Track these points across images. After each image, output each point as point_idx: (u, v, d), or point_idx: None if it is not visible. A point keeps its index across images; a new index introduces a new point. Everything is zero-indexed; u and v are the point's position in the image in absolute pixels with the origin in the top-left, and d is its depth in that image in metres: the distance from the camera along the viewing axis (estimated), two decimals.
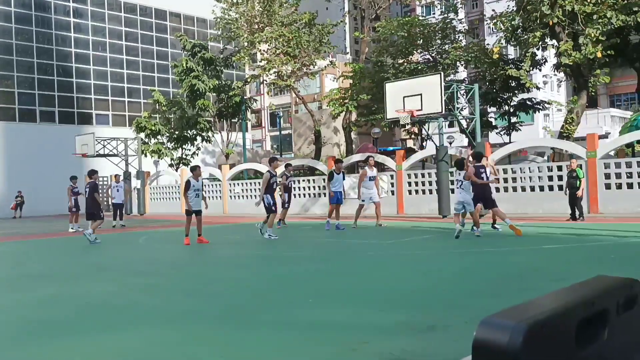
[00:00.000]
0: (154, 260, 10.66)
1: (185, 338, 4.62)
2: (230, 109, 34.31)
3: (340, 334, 4.46)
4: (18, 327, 5.28)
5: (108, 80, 42.30)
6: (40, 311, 6.01)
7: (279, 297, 6.32)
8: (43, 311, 6.00)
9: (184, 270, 8.90)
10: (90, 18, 41.58)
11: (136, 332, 4.86)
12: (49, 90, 39.34)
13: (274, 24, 29.63)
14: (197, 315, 5.52)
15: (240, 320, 5.18)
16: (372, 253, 10.15)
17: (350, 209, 22.66)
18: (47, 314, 5.86)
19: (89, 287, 7.42)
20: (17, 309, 6.18)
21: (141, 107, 41.33)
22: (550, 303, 1.08)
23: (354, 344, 4.16)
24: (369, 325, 4.74)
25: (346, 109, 30.61)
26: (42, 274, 9.07)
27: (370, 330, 4.56)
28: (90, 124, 39.91)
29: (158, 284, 7.69)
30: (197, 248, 12.11)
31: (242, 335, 4.60)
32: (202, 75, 32.83)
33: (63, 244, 15.25)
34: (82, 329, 5.10)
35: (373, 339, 4.28)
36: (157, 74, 44.55)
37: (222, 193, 27.84)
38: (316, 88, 52.23)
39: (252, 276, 7.99)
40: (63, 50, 40.11)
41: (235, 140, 38.68)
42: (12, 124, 37.30)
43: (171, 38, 43.75)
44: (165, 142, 34.83)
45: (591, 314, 1.09)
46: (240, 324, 5.00)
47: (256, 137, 59.57)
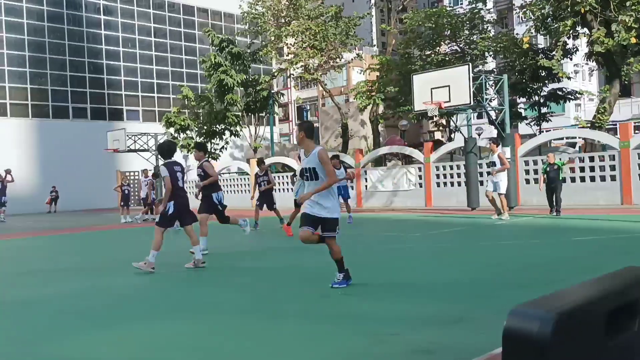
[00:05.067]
0: (183, 252, 10.83)
1: (214, 328, 4.70)
2: (258, 103, 34.48)
3: (369, 325, 4.49)
4: (55, 319, 5.43)
5: (138, 76, 42.89)
6: (76, 303, 6.17)
7: (307, 288, 6.38)
8: (78, 303, 6.16)
9: (212, 262, 9.02)
10: (120, 15, 42.17)
11: (167, 322, 4.97)
12: (81, 87, 40.09)
13: (301, 17, 29.65)
14: (225, 306, 5.61)
15: (268, 311, 5.25)
16: (399, 246, 10.14)
17: (377, 201, 22.64)
18: (82, 305, 6.02)
19: (121, 280, 7.59)
20: (54, 300, 6.35)
21: (170, 102, 41.83)
22: (579, 293, 1.09)
23: (383, 335, 4.19)
24: (397, 317, 4.76)
25: (373, 102, 30.50)
26: (76, 267, 9.30)
27: (398, 322, 4.58)
28: (121, 120, 40.56)
29: (187, 275, 7.82)
30: (224, 240, 12.24)
31: (271, 326, 4.66)
32: (230, 70, 33.03)
33: (97, 237, 15.59)
34: (116, 320, 5.23)
35: (402, 331, 4.30)
36: (186, 69, 44.99)
37: (250, 186, 28.05)
38: (343, 81, 52.10)
39: (280, 268, 8.07)
40: (94, 47, 40.79)
41: (263, 134, 38.87)
42: (46, 120, 38.14)
43: (199, 33, 44.11)
44: (194, 137, 35.20)
45: (621, 304, 1.11)
46: (268, 315, 5.07)
47: (283, 130, 59.78)
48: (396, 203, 21.98)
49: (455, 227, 13.00)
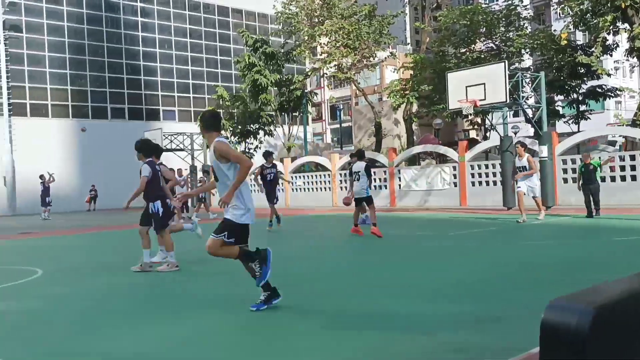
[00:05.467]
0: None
1: (246, 325, 4.77)
2: (291, 103, 34.64)
3: (402, 324, 4.48)
4: (93, 313, 5.58)
5: (174, 77, 43.55)
6: (113, 298, 6.33)
7: (340, 287, 6.40)
8: (116, 298, 6.32)
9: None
10: (157, 17, 42.90)
11: (200, 318, 5.06)
12: (119, 88, 40.93)
13: (334, 16, 29.66)
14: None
15: (296, 308, 5.29)
16: (432, 244, 10.08)
17: (411, 201, 22.50)
18: (119, 301, 6.18)
19: (157, 277, 7.74)
20: (89, 296, 6.52)
21: (205, 102, 42.36)
22: (619, 288, 1.09)
23: (416, 334, 4.19)
24: (431, 316, 4.75)
25: (407, 100, 30.31)
26: (114, 264, 9.52)
27: (432, 321, 4.57)
28: (158, 120, 41.26)
29: (220, 273, 7.93)
30: (256, 240, 12.35)
31: (300, 323, 4.71)
32: (264, 70, 33.26)
33: (134, 235, 15.89)
34: (152, 315, 5.35)
35: (435, 330, 4.29)
36: (221, 69, 45.48)
37: (284, 186, 28.21)
38: (376, 80, 51.89)
39: (311, 267, 8.11)
40: (131, 49, 41.60)
41: (297, 133, 39.01)
42: (85, 121, 39.06)
43: (233, 34, 44.52)
44: (229, 137, 35.56)
45: None
46: (296, 312, 5.11)
47: (317, 130, 59.86)
48: (430, 202, 21.82)
49: (490, 227, 12.84)
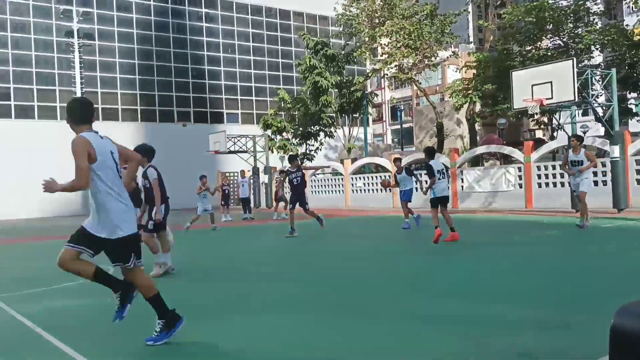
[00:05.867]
0: (277, 250, 11.15)
1: (305, 325, 4.84)
2: (351, 104, 34.68)
3: (462, 328, 4.44)
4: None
5: (237, 80, 44.48)
6: (190, 296, 6.55)
7: (399, 289, 6.39)
8: (176, 297, 6.54)
9: (304, 261, 9.23)
10: (221, 22, 43.94)
11: (261, 318, 5.18)
12: (184, 92, 42.18)
13: (395, 17, 29.48)
14: (316, 303, 5.73)
15: (360, 309, 5.32)
16: (497, 248, 9.87)
17: (474, 202, 22.07)
18: (185, 299, 6.39)
19: (213, 276, 7.96)
20: (167, 293, 6.76)
21: (267, 105, 43.00)
22: None
23: (477, 338, 4.14)
24: (492, 320, 4.68)
25: (470, 100, 29.74)
26: (184, 262, 9.84)
27: (493, 325, 4.50)
28: (222, 123, 42.24)
29: (281, 273, 8.06)
30: (318, 240, 12.44)
31: (364, 324, 4.73)
32: (325, 72, 33.47)
33: (200, 235, 16.36)
34: (216, 313, 5.52)
35: (497, 334, 4.23)
36: (282, 72, 46.07)
37: (344, 187, 28.29)
38: (438, 80, 51.19)
39: (372, 268, 8.11)
40: (197, 53, 42.78)
41: (357, 134, 39.02)
42: (153, 124, 40.48)
43: (295, 37, 44.99)
44: (290, 139, 35.98)
45: None
46: (359, 314, 5.13)
47: (377, 131, 59.62)
48: (494, 204, 21.33)
49: (557, 230, 12.44)
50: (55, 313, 5.88)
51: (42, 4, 37.14)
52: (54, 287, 7.48)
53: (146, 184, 8.04)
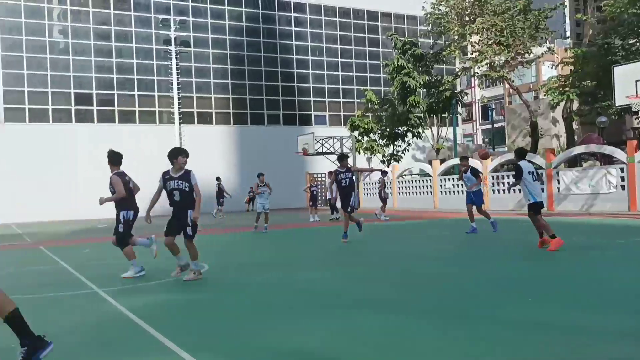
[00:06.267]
0: (362, 251, 11.19)
1: (392, 327, 4.84)
2: (440, 104, 34.10)
3: (560, 336, 4.29)
4: (247, 308, 6.02)
5: (325, 82, 44.98)
6: (268, 295, 6.76)
7: (490, 294, 6.25)
8: (270, 295, 6.74)
9: (390, 262, 9.20)
10: (309, 25, 44.63)
11: (346, 317, 5.23)
12: (274, 95, 43.22)
13: (486, 14, 28.69)
14: (403, 306, 5.71)
15: (450, 314, 5.25)
16: (597, 253, 9.39)
17: (571, 205, 21.02)
18: (273, 297, 6.58)
19: (305, 275, 8.11)
20: (246, 292, 7.02)
21: (355, 106, 43.16)
22: None
23: (576, 346, 3.99)
24: (592, 328, 4.48)
25: (567, 98, 28.42)
26: (267, 261, 10.14)
27: (593, 334, 4.31)
28: (310, 125, 42.87)
29: (366, 274, 8.08)
30: (404, 242, 12.35)
31: (453, 330, 4.67)
32: (413, 72, 33.14)
33: (288, 234, 16.75)
34: (300, 312, 5.65)
35: (596, 343, 4.05)
36: (370, 73, 46.08)
37: (432, 188, 27.87)
38: (532, 77, 49.26)
39: (461, 272, 7.96)
40: (286, 57, 43.70)
41: (446, 135, 38.30)
42: (244, 127, 41.78)
43: (382, 38, 44.86)
44: (377, 140, 35.92)
45: None
46: (450, 319, 5.07)
47: (467, 131, 58.22)
48: (594, 207, 20.24)
49: None
50: (156, 307, 6.24)
51: (143, 14, 39.36)
52: (154, 282, 7.95)
53: (111, 189, 8.35)
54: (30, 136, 34.49)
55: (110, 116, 38.06)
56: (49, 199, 33.30)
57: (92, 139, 35.39)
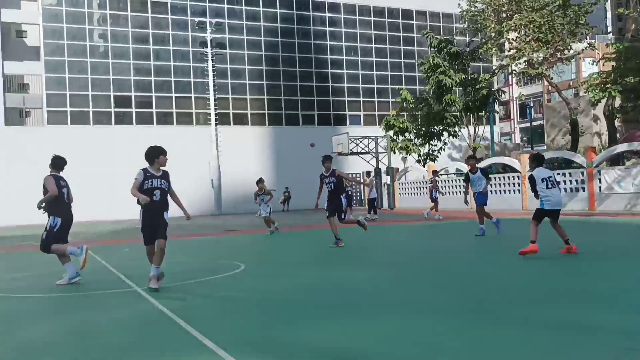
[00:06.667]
0: (403, 252, 11.11)
1: (432, 329, 4.78)
2: (477, 102, 33.63)
3: (603, 338, 4.17)
4: (286, 308, 6.03)
5: (359, 82, 44.88)
6: (306, 294, 6.77)
7: (531, 294, 6.12)
8: (305, 295, 6.75)
9: (431, 263, 9.11)
10: (344, 25, 44.60)
11: (386, 319, 5.19)
12: (309, 96, 43.34)
13: (524, 10, 28.16)
14: (444, 307, 5.64)
15: (489, 316, 5.16)
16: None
17: (614, 204, 20.46)
18: (308, 297, 6.59)
19: (344, 275, 8.09)
20: (284, 292, 7.04)
21: (389, 106, 42.96)
22: None
23: (622, 349, 3.87)
24: (637, 333, 4.34)
25: (608, 94, 27.66)
26: (304, 261, 10.16)
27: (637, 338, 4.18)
28: (344, 125, 42.85)
29: (406, 275, 8.01)
30: (446, 242, 12.20)
31: (492, 331, 4.58)
32: (449, 70, 32.78)
33: (325, 234, 16.74)
34: (340, 312, 5.63)
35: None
36: (404, 72, 45.79)
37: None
38: (571, 74, 48.14)
39: (502, 272, 7.83)
40: (320, 57, 43.78)
41: (483, 133, 37.76)
42: (279, 127, 42.03)
43: (417, 36, 44.54)
44: (412, 139, 35.66)
45: None
46: (489, 320, 4.98)
47: (504, 129, 57.29)
48: (638, 206, 19.66)
49: None
50: (195, 305, 6.33)
51: (180, 17, 39.98)
52: (193, 281, 8.06)
53: (44, 190, 8.14)
54: (71, 138, 35.44)
55: (149, 118, 38.77)
56: (89, 199, 34.12)
57: (130, 141, 36.14)
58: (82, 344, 4.82)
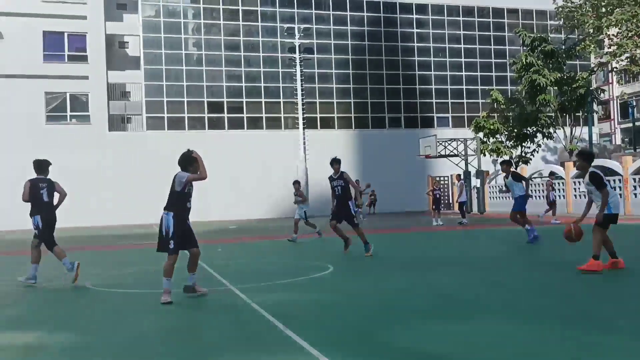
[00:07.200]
0: (496, 256, 10.81)
1: (533, 335, 4.63)
2: (574, 102, 32.08)
3: None
4: (379, 310, 6.04)
5: (448, 83, 44.07)
6: (399, 297, 6.75)
7: (636, 303, 5.79)
8: (401, 297, 6.73)
9: (528, 267, 8.80)
10: (432, 26, 43.98)
11: (486, 324, 5.09)
12: (395, 98, 43.06)
13: (625, 4, 26.61)
14: (549, 314, 5.45)
15: (593, 324, 4.95)
16: None
17: None
18: (404, 300, 6.56)
19: (439, 279, 7.98)
20: (376, 294, 7.05)
21: (479, 107, 41.87)
22: None
23: None
24: None
25: None
26: (398, 264, 10.11)
27: None
28: (432, 127, 42.19)
29: (501, 280, 7.79)
30: (548, 248, 11.76)
31: (596, 340, 4.39)
32: (543, 70, 31.50)
33: (411, 237, 16.60)
34: (436, 315, 5.58)
35: None
36: (495, 72, 44.47)
37: (565, 192, 26.26)
38: None
39: (608, 280, 7.43)
40: (407, 60, 43.39)
41: (580, 135, 35.95)
42: (365, 130, 42.04)
43: (509, 35, 43.15)
44: (503, 141, 34.58)
45: None
46: (593, 328, 4.77)
47: (604, 130, 54.21)
48: None
49: None
50: (288, 305, 6.47)
51: (269, 24, 41.02)
52: (286, 280, 8.26)
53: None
54: (168, 143, 37.23)
55: (239, 122, 40.01)
56: None
57: (222, 144, 37.43)
58: (183, 339, 5.09)
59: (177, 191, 6.88)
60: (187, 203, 6.99)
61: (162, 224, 6.91)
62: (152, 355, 4.62)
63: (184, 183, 6.89)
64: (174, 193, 6.90)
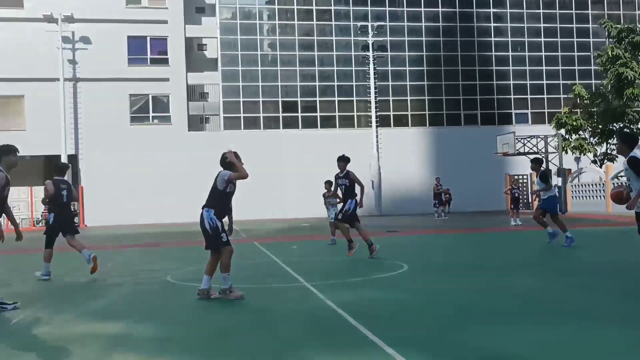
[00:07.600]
0: (576, 258, 10.36)
1: (621, 340, 4.43)
2: None
3: None
4: (455, 310, 5.94)
5: (527, 79, 42.58)
6: (476, 298, 6.61)
7: None
8: (479, 298, 6.58)
9: (610, 270, 8.37)
10: (509, 20, 42.63)
11: (567, 328, 4.91)
12: (471, 95, 42.05)
13: None
14: (635, 318, 5.20)
15: None
16: None
17: None
18: (482, 301, 6.42)
19: (517, 280, 7.76)
20: (452, 293, 6.93)
21: (561, 102, 40.20)
22: None
23: None
24: None
25: None
26: (471, 264, 9.90)
27: None
28: (510, 124, 40.90)
29: (585, 282, 7.47)
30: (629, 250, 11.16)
31: None
32: (631, 62, 29.84)
33: (489, 238, 16.17)
34: (514, 317, 5.42)
35: None
36: (578, 66, 42.55)
37: None
38: None
39: None
40: (484, 55, 42.26)
41: None
42: (440, 128, 41.32)
43: (593, 27, 41.18)
44: (587, 137, 33.04)
45: None
46: None
47: None
48: None
49: None
50: (362, 303, 6.49)
51: (343, 22, 41.12)
52: (360, 278, 8.29)
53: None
54: (244, 142, 38.10)
55: (313, 122, 40.38)
56: (259, 198, 36.42)
57: (296, 143, 37.90)
58: (260, 335, 5.20)
59: (220, 189, 6.99)
60: (229, 202, 7.10)
61: (204, 222, 6.97)
62: (232, 349, 4.76)
63: (226, 182, 6.97)
64: (216, 191, 7.02)
